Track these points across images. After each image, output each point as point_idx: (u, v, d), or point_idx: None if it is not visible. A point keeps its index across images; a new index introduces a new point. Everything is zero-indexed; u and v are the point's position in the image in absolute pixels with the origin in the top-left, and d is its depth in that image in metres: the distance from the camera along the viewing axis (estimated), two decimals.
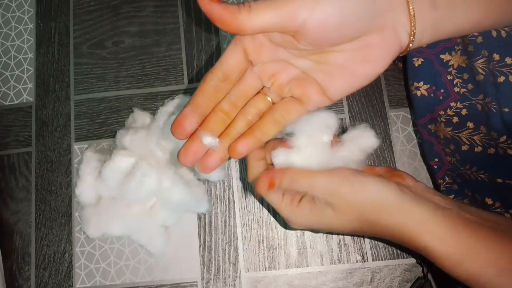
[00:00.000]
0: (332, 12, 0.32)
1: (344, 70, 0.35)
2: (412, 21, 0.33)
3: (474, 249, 0.35)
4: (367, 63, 0.35)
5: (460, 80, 0.50)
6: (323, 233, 0.57)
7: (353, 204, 0.38)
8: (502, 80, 0.45)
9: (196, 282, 0.57)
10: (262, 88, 0.39)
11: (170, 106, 0.57)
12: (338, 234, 0.57)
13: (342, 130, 0.60)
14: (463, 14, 0.34)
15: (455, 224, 0.36)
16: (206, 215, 0.59)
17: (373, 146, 0.43)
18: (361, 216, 0.38)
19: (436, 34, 0.35)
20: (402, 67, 0.60)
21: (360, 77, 0.36)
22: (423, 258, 0.55)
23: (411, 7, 0.33)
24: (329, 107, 0.61)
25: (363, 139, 0.43)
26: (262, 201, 0.59)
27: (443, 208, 0.38)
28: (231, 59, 0.36)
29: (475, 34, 0.46)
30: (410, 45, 0.35)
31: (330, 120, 0.42)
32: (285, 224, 0.58)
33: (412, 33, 0.34)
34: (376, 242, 0.57)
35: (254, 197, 0.59)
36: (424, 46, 0.37)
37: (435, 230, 0.36)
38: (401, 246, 0.40)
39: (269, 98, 0.39)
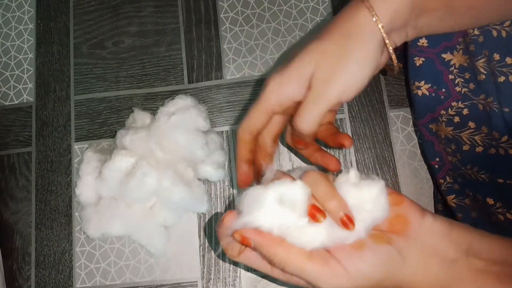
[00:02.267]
0: (362, 83, 0.39)
1: None
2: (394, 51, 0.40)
3: None
4: None
5: (462, 80, 0.50)
6: None
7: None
8: (502, 80, 0.45)
9: (196, 282, 0.57)
10: None
11: (170, 106, 0.57)
12: None
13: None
14: (436, 30, 0.41)
15: (461, 280, 0.35)
16: (206, 215, 0.59)
17: (384, 218, 0.35)
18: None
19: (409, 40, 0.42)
20: (402, 67, 0.60)
21: None
22: None
23: (391, 49, 0.40)
24: None
25: (378, 211, 0.35)
26: None
27: (449, 262, 0.36)
28: (262, 123, 0.42)
29: (476, 33, 0.46)
30: None
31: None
32: None
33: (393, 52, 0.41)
34: None
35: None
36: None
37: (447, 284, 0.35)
38: None
39: None
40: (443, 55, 0.50)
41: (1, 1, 0.68)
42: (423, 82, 0.52)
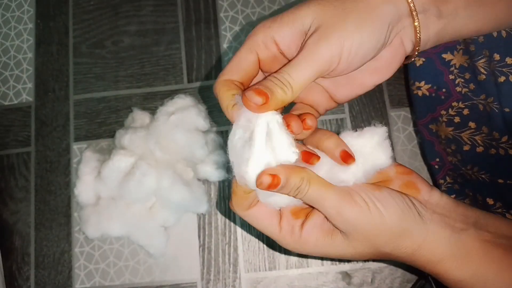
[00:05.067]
0: (359, 50, 0.33)
1: (352, 81, 0.36)
2: (418, 33, 0.34)
3: (487, 276, 0.35)
4: (375, 74, 0.36)
5: (462, 80, 0.50)
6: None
7: (371, 237, 0.35)
8: (502, 80, 0.44)
9: (196, 283, 0.57)
10: None
11: (169, 105, 0.57)
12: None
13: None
14: (464, 23, 0.35)
15: (470, 249, 0.35)
16: (206, 216, 0.59)
17: (388, 165, 0.36)
18: (378, 247, 0.35)
19: (439, 41, 0.36)
20: (403, 66, 0.60)
21: (367, 85, 0.37)
22: None
23: (416, 23, 0.34)
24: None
25: (379, 158, 0.36)
26: None
27: (459, 231, 0.35)
28: (244, 65, 0.35)
29: (485, 31, 0.46)
30: (416, 53, 0.36)
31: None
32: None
33: (418, 42, 0.35)
34: None
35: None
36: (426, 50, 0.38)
37: (450, 258, 0.35)
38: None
39: None
40: (444, 55, 0.50)
41: (1, 1, 0.68)
42: (423, 83, 0.52)
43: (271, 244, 0.57)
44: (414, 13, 0.33)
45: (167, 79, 0.63)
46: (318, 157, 0.35)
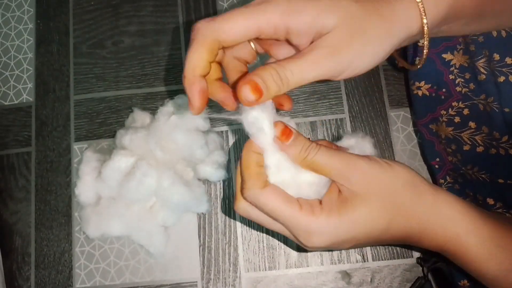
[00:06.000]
0: (367, 67, 0.33)
1: None
2: (426, 49, 0.35)
3: (504, 241, 0.35)
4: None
5: (462, 80, 0.50)
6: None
7: (387, 196, 0.34)
8: (502, 80, 0.44)
9: (196, 282, 0.57)
10: None
11: (170, 106, 0.57)
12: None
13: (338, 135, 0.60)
14: (459, 31, 0.37)
15: (480, 213, 0.35)
16: (206, 215, 0.59)
17: (373, 152, 0.41)
18: (396, 205, 0.34)
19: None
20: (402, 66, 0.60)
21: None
22: (423, 259, 0.54)
23: (426, 49, 0.35)
24: (329, 107, 0.61)
25: (365, 146, 0.41)
26: None
27: (463, 200, 0.36)
28: (243, 29, 0.33)
29: (476, 33, 0.46)
30: (419, 66, 0.38)
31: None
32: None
33: (424, 59, 0.36)
34: None
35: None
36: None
37: (466, 219, 0.34)
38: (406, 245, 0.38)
39: None
40: (444, 55, 0.50)
41: (1, 1, 0.68)
42: (423, 82, 0.52)
43: (271, 243, 0.57)
44: (426, 36, 0.34)
45: (167, 80, 0.63)
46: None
